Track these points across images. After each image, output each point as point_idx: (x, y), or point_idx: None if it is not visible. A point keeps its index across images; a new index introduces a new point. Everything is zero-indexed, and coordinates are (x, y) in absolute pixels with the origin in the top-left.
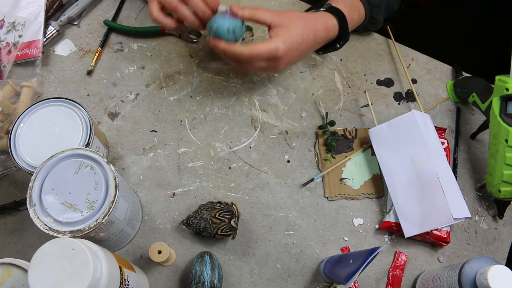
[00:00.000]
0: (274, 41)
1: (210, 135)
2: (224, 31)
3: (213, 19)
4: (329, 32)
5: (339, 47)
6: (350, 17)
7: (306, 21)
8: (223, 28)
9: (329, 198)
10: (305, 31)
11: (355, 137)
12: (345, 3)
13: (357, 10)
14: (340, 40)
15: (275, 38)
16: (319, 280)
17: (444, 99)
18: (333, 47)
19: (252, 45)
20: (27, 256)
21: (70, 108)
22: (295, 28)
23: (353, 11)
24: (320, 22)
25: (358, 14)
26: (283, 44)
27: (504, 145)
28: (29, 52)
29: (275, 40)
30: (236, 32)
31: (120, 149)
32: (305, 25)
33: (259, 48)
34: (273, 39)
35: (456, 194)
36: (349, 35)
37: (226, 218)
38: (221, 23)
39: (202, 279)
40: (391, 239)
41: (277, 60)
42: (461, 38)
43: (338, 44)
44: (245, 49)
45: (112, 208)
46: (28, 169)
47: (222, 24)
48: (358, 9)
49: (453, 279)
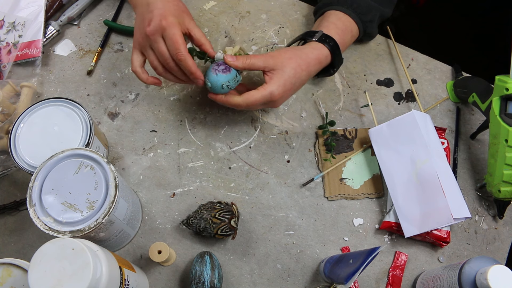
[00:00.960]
0: (269, 87)
1: (210, 135)
2: (219, 87)
3: (206, 74)
4: (322, 63)
5: (333, 72)
6: (343, 41)
7: (298, 59)
8: (217, 85)
9: (329, 198)
10: (298, 71)
11: (355, 137)
12: (337, 27)
13: (350, 32)
14: (334, 66)
15: (269, 83)
16: (319, 280)
17: (444, 99)
18: (328, 73)
19: (247, 95)
20: (27, 256)
21: (70, 108)
22: (288, 70)
23: (345, 33)
24: (312, 57)
25: (351, 35)
26: (277, 88)
27: (504, 145)
28: (29, 52)
29: (269, 85)
30: (231, 85)
31: (120, 149)
32: (297, 64)
33: (255, 97)
34: (268, 85)
35: (456, 194)
36: (343, 59)
37: (226, 218)
38: (215, 81)
39: (202, 279)
40: (391, 239)
41: (273, 102)
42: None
43: (332, 70)
44: (242, 100)
45: (112, 208)
46: (28, 169)
47: (216, 82)
48: (351, 30)
49: (453, 279)
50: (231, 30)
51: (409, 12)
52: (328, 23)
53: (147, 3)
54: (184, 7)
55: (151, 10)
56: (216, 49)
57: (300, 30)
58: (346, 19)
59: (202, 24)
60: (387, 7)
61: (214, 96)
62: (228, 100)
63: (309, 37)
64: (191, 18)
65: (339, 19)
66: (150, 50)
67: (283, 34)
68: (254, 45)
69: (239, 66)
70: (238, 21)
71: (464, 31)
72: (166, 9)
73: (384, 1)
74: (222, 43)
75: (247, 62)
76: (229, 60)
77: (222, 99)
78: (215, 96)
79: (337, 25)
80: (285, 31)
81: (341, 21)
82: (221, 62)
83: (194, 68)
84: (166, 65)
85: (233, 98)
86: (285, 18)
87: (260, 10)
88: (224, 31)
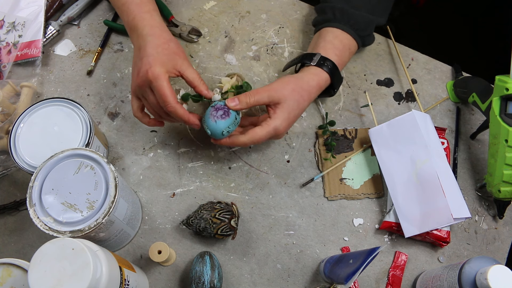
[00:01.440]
0: (273, 122)
1: None
2: (219, 134)
3: (205, 120)
4: (322, 88)
5: (333, 93)
6: (341, 61)
7: (300, 91)
8: (217, 132)
9: (329, 198)
10: (301, 101)
11: (355, 137)
12: (335, 47)
13: (348, 49)
14: (334, 87)
15: (273, 118)
16: (319, 280)
17: (444, 99)
18: (328, 93)
19: (252, 132)
20: (27, 256)
21: (70, 108)
22: (291, 103)
23: (343, 52)
24: (313, 85)
25: (349, 52)
26: (281, 123)
27: (504, 145)
28: (29, 52)
29: (273, 120)
30: (231, 130)
31: (120, 149)
32: (300, 96)
33: (260, 134)
34: (272, 120)
35: (456, 194)
36: (342, 78)
37: (226, 218)
38: (215, 128)
39: (202, 279)
40: (391, 239)
41: (278, 135)
42: (461, 38)
43: (332, 91)
44: (247, 139)
45: (112, 208)
46: (28, 169)
47: (216, 129)
48: (349, 47)
49: (453, 279)
50: (231, 30)
51: (409, 12)
52: (326, 42)
53: (139, 47)
54: (176, 47)
55: (141, 57)
56: (215, 49)
57: (300, 30)
58: (344, 37)
59: (202, 24)
60: (383, 16)
61: (218, 141)
62: (234, 142)
63: (307, 61)
64: (184, 58)
65: (337, 37)
66: (144, 98)
67: (283, 34)
68: (254, 45)
69: (243, 108)
70: (238, 21)
71: (464, 31)
72: (154, 57)
73: (380, 11)
74: (222, 43)
75: (251, 102)
76: (232, 105)
77: (227, 142)
78: (219, 141)
79: (335, 45)
80: (285, 31)
81: (338, 39)
82: (219, 105)
83: (186, 117)
84: (160, 114)
85: (238, 138)
86: (285, 18)
87: (260, 10)
88: (224, 31)
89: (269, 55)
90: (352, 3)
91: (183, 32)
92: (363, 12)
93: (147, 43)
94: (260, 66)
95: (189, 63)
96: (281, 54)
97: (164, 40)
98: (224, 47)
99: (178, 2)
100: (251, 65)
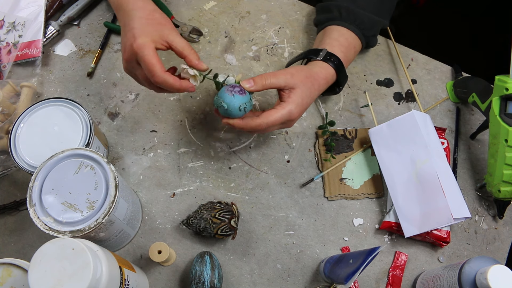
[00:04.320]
0: (287, 105)
1: (210, 135)
2: (236, 109)
3: (220, 95)
4: (329, 83)
5: (338, 91)
6: (347, 58)
7: (312, 79)
8: (234, 106)
9: (329, 198)
10: (312, 90)
11: (355, 137)
12: (341, 44)
13: (353, 48)
14: (340, 84)
15: (288, 102)
16: (319, 280)
17: (444, 99)
18: (333, 91)
19: (267, 114)
20: (27, 256)
21: (70, 108)
22: (304, 89)
23: (349, 50)
24: (322, 77)
25: (354, 51)
26: (295, 107)
27: (504, 145)
28: (29, 52)
29: (288, 104)
30: (247, 108)
31: (120, 149)
32: (311, 84)
33: (275, 116)
34: (286, 103)
35: (456, 194)
36: (348, 76)
37: (226, 218)
38: (232, 102)
39: (202, 279)
40: (391, 239)
41: (290, 121)
42: (461, 38)
43: (337, 89)
44: (261, 121)
45: (112, 208)
46: (28, 169)
47: (233, 104)
48: (354, 46)
49: (453, 279)
50: (231, 30)
51: (409, 12)
52: (331, 40)
53: (124, 24)
54: (162, 18)
55: (125, 32)
56: (216, 50)
57: (300, 30)
58: (349, 35)
59: (202, 24)
60: (386, 18)
61: (231, 121)
62: (248, 124)
63: (313, 55)
64: (172, 28)
65: (342, 35)
66: (135, 75)
67: (283, 34)
68: (254, 45)
69: (258, 90)
70: (238, 21)
71: (464, 31)
72: (138, 30)
73: (385, 13)
74: (222, 43)
75: (267, 84)
76: (248, 86)
77: (240, 124)
78: (232, 121)
79: (341, 42)
80: (285, 31)
81: (344, 37)
82: (235, 84)
83: (178, 84)
84: (153, 88)
85: (252, 120)
86: (285, 18)
87: (260, 10)
88: (224, 31)
89: (269, 56)
90: (357, 2)
91: (184, 32)
92: (368, 12)
93: (131, 17)
94: (260, 66)
95: (177, 32)
96: (281, 54)
97: (148, 11)
98: (224, 47)
99: (178, 2)
100: (251, 65)
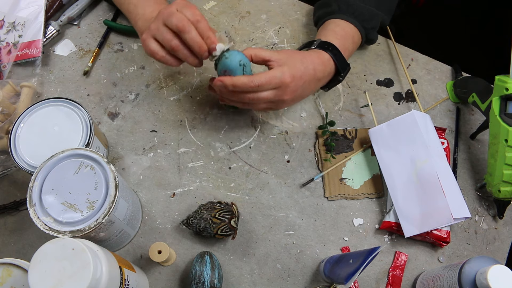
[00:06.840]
0: (280, 68)
1: (210, 135)
2: (236, 63)
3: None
4: (326, 66)
5: (341, 79)
6: (344, 46)
7: (302, 54)
8: (235, 60)
9: (329, 198)
10: (304, 62)
11: (355, 137)
12: (336, 33)
13: (351, 37)
14: (341, 72)
15: (279, 66)
16: (319, 280)
17: (444, 99)
18: (337, 80)
19: (256, 74)
20: (27, 256)
21: (70, 108)
22: (294, 59)
23: (346, 38)
24: (315, 56)
25: (352, 41)
26: (288, 70)
27: (504, 145)
28: (29, 52)
29: (280, 67)
30: (247, 68)
31: (120, 149)
32: (302, 57)
33: (266, 75)
34: (278, 67)
35: (456, 194)
36: (349, 64)
37: (226, 218)
38: (232, 55)
39: (202, 279)
40: (391, 239)
41: (284, 88)
42: (461, 38)
43: (340, 77)
44: (254, 78)
45: (112, 208)
46: (28, 169)
47: (233, 56)
48: (352, 36)
49: (453, 279)
50: (231, 30)
51: (409, 12)
52: (327, 31)
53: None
54: None
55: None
56: None
57: (300, 30)
58: (346, 26)
59: None
60: (387, 15)
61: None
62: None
63: (307, 47)
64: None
65: (338, 26)
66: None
67: (283, 34)
68: (254, 45)
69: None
70: (238, 21)
71: (464, 31)
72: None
73: (385, 9)
74: None
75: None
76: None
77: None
78: (223, 78)
79: (336, 32)
80: (285, 31)
81: (340, 27)
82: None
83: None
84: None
85: (239, 77)
86: (285, 18)
87: (260, 10)
88: (224, 31)
89: None
90: None
91: None
92: (368, 5)
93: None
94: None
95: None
96: None
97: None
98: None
99: None
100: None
